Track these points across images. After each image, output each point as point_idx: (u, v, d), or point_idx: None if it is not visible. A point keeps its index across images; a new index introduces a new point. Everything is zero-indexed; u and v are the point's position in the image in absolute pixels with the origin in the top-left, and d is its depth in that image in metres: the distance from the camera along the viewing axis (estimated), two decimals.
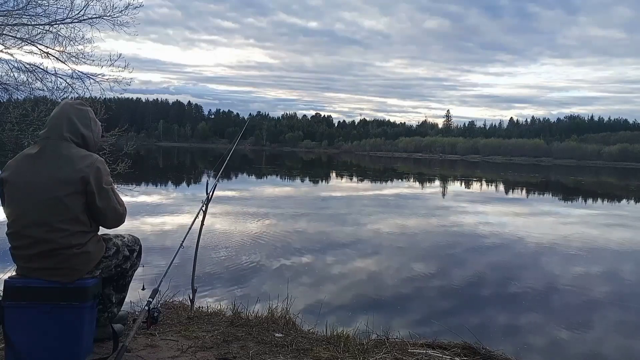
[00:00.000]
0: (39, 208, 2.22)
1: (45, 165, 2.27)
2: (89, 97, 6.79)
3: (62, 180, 2.24)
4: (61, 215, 2.24)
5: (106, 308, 2.61)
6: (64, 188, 2.24)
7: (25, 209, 2.23)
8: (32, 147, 2.39)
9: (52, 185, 2.24)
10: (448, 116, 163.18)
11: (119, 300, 2.72)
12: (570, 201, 21.04)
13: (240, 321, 3.25)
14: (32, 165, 2.28)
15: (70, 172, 2.26)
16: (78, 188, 2.27)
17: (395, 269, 7.12)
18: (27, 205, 2.23)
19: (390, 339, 3.16)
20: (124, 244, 2.60)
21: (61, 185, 2.24)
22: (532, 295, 6.09)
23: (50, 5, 6.13)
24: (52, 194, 2.23)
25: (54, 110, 2.47)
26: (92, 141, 2.48)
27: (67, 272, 2.27)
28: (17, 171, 2.28)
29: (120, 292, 2.71)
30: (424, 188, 24.93)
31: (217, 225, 9.52)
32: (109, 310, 2.64)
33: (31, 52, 6.33)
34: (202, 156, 57.81)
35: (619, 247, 9.69)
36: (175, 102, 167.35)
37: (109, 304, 2.64)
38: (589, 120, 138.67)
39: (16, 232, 2.25)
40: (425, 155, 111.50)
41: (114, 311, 2.70)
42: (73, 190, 2.26)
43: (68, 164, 2.28)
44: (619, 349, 4.59)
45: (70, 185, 2.25)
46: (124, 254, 2.59)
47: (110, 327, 2.52)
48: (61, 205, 2.24)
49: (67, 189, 2.25)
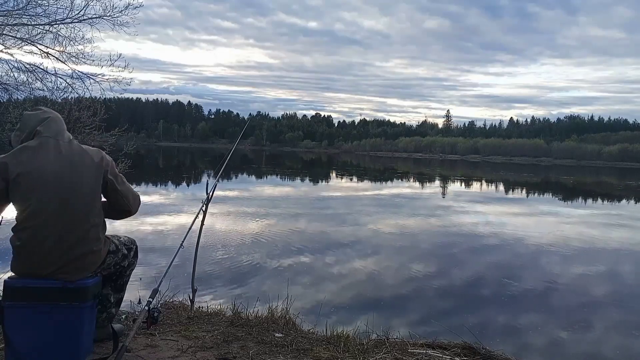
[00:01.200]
0: (66, 201, 2.18)
1: (63, 156, 2.22)
2: (89, 97, 6.80)
3: (86, 170, 2.24)
4: (89, 206, 2.24)
5: (105, 308, 2.61)
6: (89, 178, 2.24)
7: (50, 201, 2.16)
8: (30, 142, 2.25)
9: (78, 175, 2.22)
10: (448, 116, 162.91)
11: (117, 300, 2.72)
12: (570, 201, 21.04)
13: (240, 321, 3.25)
14: (46, 155, 2.19)
15: (89, 161, 2.27)
16: (100, 179, 2.29)
17: (395, 268, 7.13)
18: (50, 197, 2.15)
19: (390, 339, 3.15)
20: (122, 243, 2.61)
21: (85, 175, 2.23)
22: (532, 295, 6.10)
23: (50, 5, 6.14)
24: (80, 184, 2.21)
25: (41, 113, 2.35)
26: None
27: (80, 270, 2.25)
28: (29, 163, 2.16)
29: (118, 292, 2.71)
30: (423, 188, 24.93)
31: (217, 225, 9.52)
32: (108, 310, 2.64)
33: (31, 52, 6.34)
34: (202, 156, 57.81)
35: (618, 247, 9.70)
36: (175, 102, 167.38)
37: (107, 303, 2.63)
38: (589, 120, 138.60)
39: (37, 225, 2.15)
40: (425, 155, 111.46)
41: (112, 312, 2.69)
42: (95, 181, 2.27)
43: (84, 154, 2.28)
44: (618, 349, 4.59)
45: (92, 176, 2.26)
46: (122, 252, 2.59)
47: (110, 327, 2.51)
48: (89, 196, 2.24)
49: (91, 179, 2.25)
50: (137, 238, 2.85)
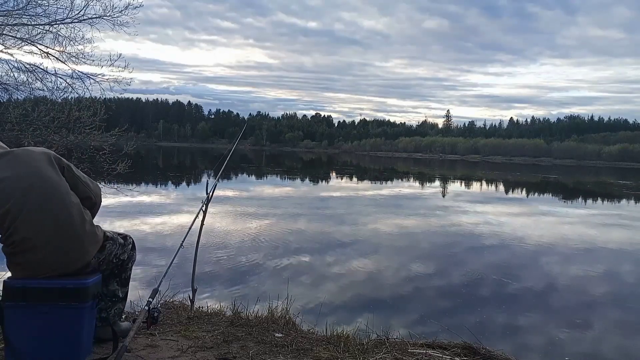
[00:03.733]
0: (38, 192, 2.18)
1: (18, 159, 2.24)
2: (89, 97, 6.80)
3: (44, 164, 2.24)
4: (62, 191, 2.24)
5: (114, 304, 2.64)
6: (50, 169, 2.24)
7: (21, 198, 2.16)
8: None
9: (41, 170, 2.22)
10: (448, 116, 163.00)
11: (124, 294, 2.74)
12: (570, 201, 21.04)
13: (240, 321, 3.25)
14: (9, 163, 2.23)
15: (41, 156, 2.27)
16: (55, 166, 2.28)
17: (395, 268, 7.13)
18: (20, 194, 2.16)
19: (390, 339, 3.15)
20: (114, 233, 2.62)
21: (47, 168, 2.24)
22: (532, 294, 6.10)
23: (50, 5, 6.15)
24: (46, 176, 2.21)
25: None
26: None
27: (79, 255, 2.26)
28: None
29: (124, 286, 2.73)
30: (423, 188, 24.93)
31: (217, 225, 9.52)
32: (117, 306, 2.67)
33: (31, 52, 6.35)
34: (202, 156, 57.81)
35: (617, 247, 9.70)
36: (175, 102, 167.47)
37: (116, 299, 2.66)
38: (589, 120, 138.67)
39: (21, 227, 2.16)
40: (425, 155, 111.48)
41: (120, 307, 2.72)
42: (55, 171, 2.26)
43: (33, 153, 2.28)
44: (617, 349, 4.59)
45: (51, 165, 2.26)
46: (119, 241, 2.59)
47: (118, 324, 2.55)
48: (56, 183, 2.23)
49: (52, 169, 2.25)
50: (137, 238, 2.86)
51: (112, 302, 2.63)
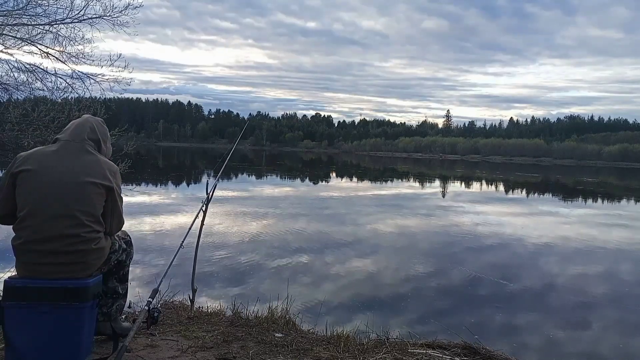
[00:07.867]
0: (67, 201, 2.22)
1: (73, 162, 2.29)
2: (89, 97, 6.79)
3: (91, 178, 2.29)
4: (88, 211, 2.27)
5: (115, 301, 2.67)
6: (93, 186, 2.29)
7: (51, 201, 2.20)
8: (50, 146, 2.38)
9: (83, 182, 2.26)
10: (448, 116, 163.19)
11: (124, 290, 2.77)
12: (570, 201, 21.04)
13: (240, 321, 3.25)
14: (59, 159, 2.28)
15: (99, 172, 2.32)
16: (103, 190, 2.32)
17: (395, 268, 7.13)
18: (53, 197, 2.20)
19: (390, 339, 3.16)
20: (119, 238, 2.66)
21: (91, 183, 2.28)
22: (531, 294, 6.10)
23: (50, 5, 6.13)
24: (82, 190, 2.26)
25: (77, 119, 2.53)
26: (105, 156, 2.53)
27: (82, 267, 2.28)
28: (40, 162, 2.25)
29: (123, 283, 2.75)
30: (423, 188, 24.92)
31: (217, 225, 9.52)
32: (117, 302, 2.69)
33: (31, 52, 6.33)
34: (202, 156, 57.80)
35: (617, 247, 9.70)
36: (175, 102, 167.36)
37: (116, 295, 2.68)
38: (589, 120, 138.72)
39: (36, 224, 2.18)
40: (425, 155, 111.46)
41: (121, 303, 2.74)
42: (99, 191, 2.31)
43: (96, 165, 2.34)
44: (617, 348, 4.59)
45: (98, 186, 2.30)
46: (122, 247, 2.65)
47: (119, 321, 2.59)
48: (89, 202, 2.28)
49: (95, 189, 2.29)
50: (137, 238, 2.87)
51: (113, 298, 2.66)
